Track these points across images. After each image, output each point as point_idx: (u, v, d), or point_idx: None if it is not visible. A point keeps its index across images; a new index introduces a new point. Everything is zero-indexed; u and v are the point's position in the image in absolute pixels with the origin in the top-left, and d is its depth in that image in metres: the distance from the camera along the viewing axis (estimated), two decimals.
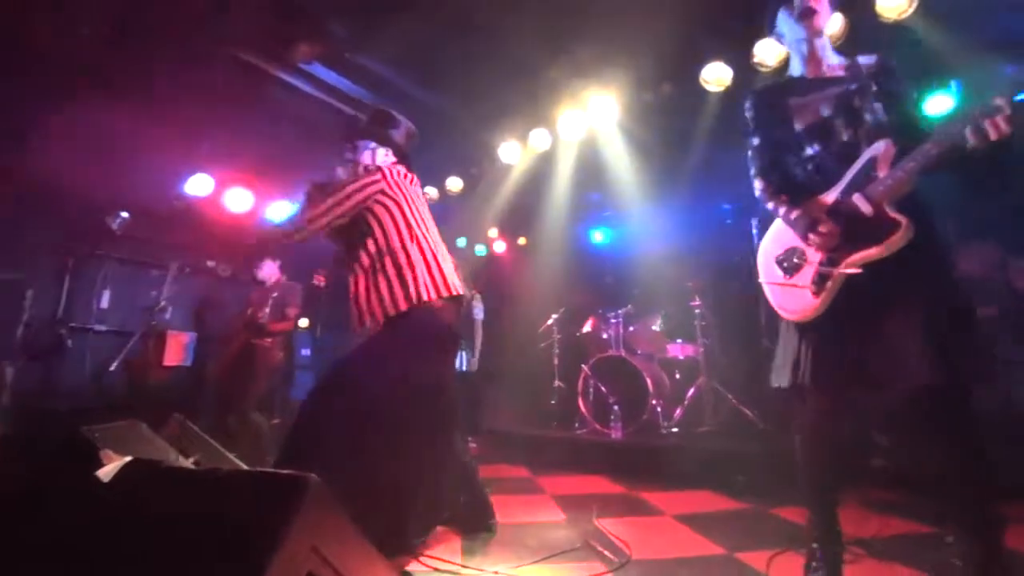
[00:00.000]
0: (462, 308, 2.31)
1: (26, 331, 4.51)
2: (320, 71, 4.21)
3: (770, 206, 1.70)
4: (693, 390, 4.53)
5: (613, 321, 4.99)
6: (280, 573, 0.89)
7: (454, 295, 2.09)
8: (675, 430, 4.29)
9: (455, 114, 4.88)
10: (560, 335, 5.57)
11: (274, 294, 3.89)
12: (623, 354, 4.70)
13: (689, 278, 5.01)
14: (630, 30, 3.77)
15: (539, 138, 4.98)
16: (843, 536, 1.61)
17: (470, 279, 4.96)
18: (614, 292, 5.91)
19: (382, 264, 2.08)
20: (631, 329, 5.03)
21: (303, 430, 1.86)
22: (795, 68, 1.77)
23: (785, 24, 1.71)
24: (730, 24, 3.73)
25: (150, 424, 1.76)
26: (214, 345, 4.06)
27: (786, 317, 1.64)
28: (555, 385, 5.36)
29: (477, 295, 5.10)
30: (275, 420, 3.80)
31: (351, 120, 4.57)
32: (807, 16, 1.63)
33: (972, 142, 1.26)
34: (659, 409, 4.30)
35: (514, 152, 5.18)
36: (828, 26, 1.72)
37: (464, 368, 4.96)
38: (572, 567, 1.96)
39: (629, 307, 5.09)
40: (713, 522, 2.52)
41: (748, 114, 1.82)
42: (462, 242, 6.93)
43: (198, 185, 5.12)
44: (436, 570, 1.91)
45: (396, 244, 2.09)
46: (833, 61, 1.70)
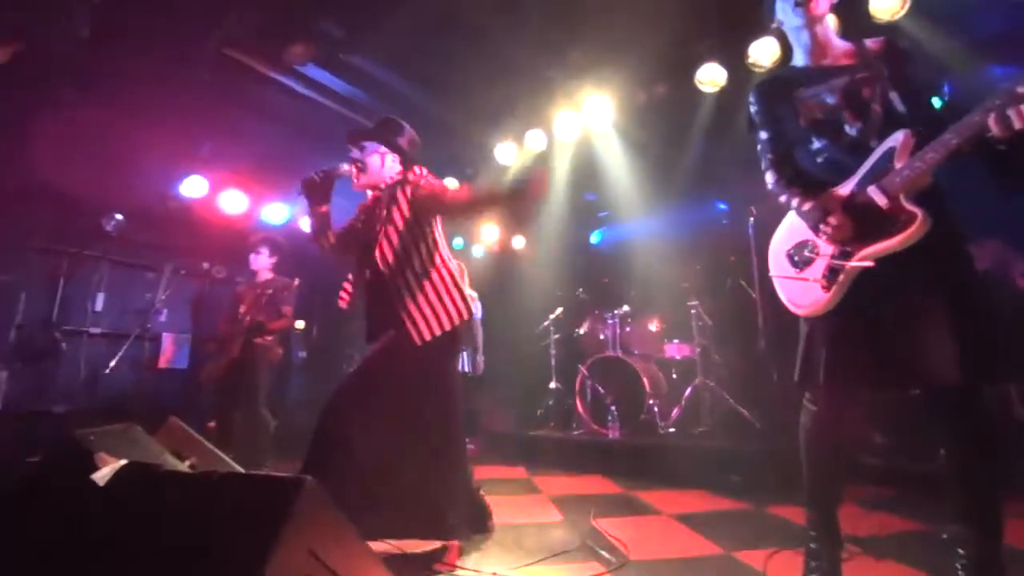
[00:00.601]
0: None
1: (19, 334, 4.49)
2: (314, 72, 4.20)
3: (783, 199, 1.65)
4: (690, 390, 4.53)
5: (610, 321, 4.99)
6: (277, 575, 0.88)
7: None
8: (672, 430, 4.30)
9: (450, 115, 4.88)
10: (557, 335, 5.58)
11: (268, 291, 3.85)
12: (620, 354, 4.70)
13: (685, 278, 5.02)
14: (625, 31, 3.77)
15: (535, 139, 4.98)
16: (841, 534, 1.61)
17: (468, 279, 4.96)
18: (611, 292, 5.91)
19: (440, 276, 2.15)
20: (628, 329, 5.03)
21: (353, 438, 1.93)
22: (798, 58, 1.71)
23: (783, 12, 1.65)
24: (724, 25, 3.74)
25: (145, 427, 1.75)
26: (209, 347, 4.03)
27: (796, 312, 1.59)
28: (552, 386, 5.36)
29: (475, 295, 5.10)
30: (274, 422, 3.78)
31: (356, 124, 4.57)
32: (803, 2, 1.57)
33: (995, 131, 1.21)
34: (656, 409, 4.30)
35: (510, 153, 5.18)
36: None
37: (467, 369, 4.96)
38: (570, 568, 1.95)
39: (626, 307, 5.10)
40: (711, 522, 2.52)
41: (753, 108, 1.77)
42: (459, 243, 6.93)
43: (193, 187, 5.11)
44: (434, 572, 1.90)
45: (447, 256, 2.21)
46: (838, 48, 1.63)
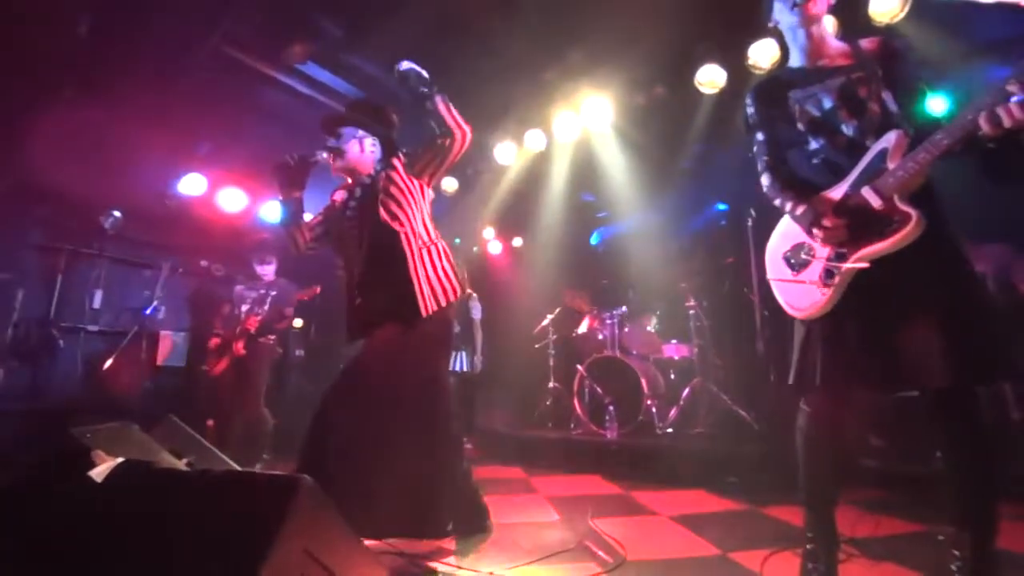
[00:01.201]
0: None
1: (16, 331, 4.48)
2: (314, 71, 4.20)
3: (777, 202, 1.65)
4: (688, 391, 4.54)
5: (608, 322, 5.00)
6: (272, 575, 0.88)
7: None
8: (670, 430, 4.30)
9: None
10: (555, 336, 5.58)
11: (272, 292, 3.89)
12: (618, 355, 4.70)
13: (683, 279, 5.03)
14: (624, 32, 3.78)
15: (534, 139, 4.98)
16: (839, 535, 1.61)
17: (467, 279, 4.96)
18: (610, 293, 5.91)
19: (438, 251, 2.10)
20: (626, 330, 5.03)
21: (349, 419, 1.88)
22: (794, 59, 1.70)
23: (780, 11, 1.64)
24: (723, 26, 3.75)
25: (143, 425, 1.75)
26: (209, 345, 4.04)
27: (794, 315, 1.59)
28: (550, 386, 5.37)
29: (474, 295, 5.10)
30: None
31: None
32: (800, 1, 1.56)
33: (985, 130, 1.21)
34: (654, 410, 4.30)
35: (510, 153, 5.18)
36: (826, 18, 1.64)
37: (465, 369, 4.95)
38: (567, 568, 1.95)
39: (624, 308, 5.10)
40: (708, 522, 2.52)
41: (749, 110, 1.77)
42: (458, 242, 6.93)
43: (191, 185, 5.10)
44: (431, 571, 1.90)
45: (438, 232, 2.17)
46: (834, 48, 1.63)
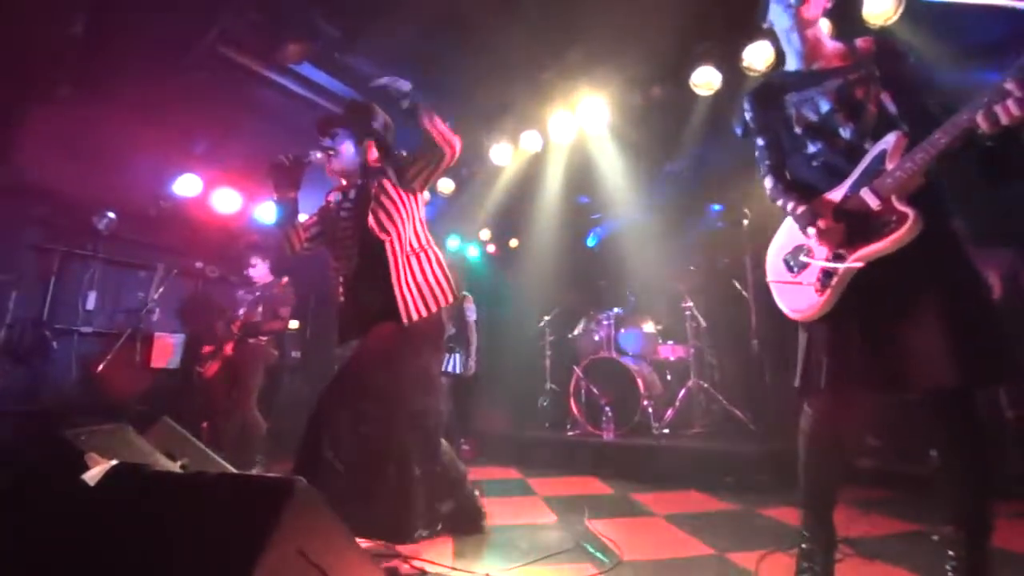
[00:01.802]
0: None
1: (9, 333, 4.44)
2: (309, 71, 4.19)
3: (779, 203, 1.66)
4: (684, 391, 4.55)
5: (605, 323, 5.00)
6: None
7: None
8: (666, 431, 4.31)
9: (446, 115, 4.84)
10: (552, 337, 5.58)
11: (267, 293, 3.87)
12: (615, 356, 4.71)
13: (680, 280, 5.04)
14: (620, 33, 3.78)
15: (530, 140, 4.98)
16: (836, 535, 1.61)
17: (462, 280, 4.95)
18: (606, 294, 5.92)
19: (428, 258, 2.16)
20: (623, 331, 5.04)
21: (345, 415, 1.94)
22: (790, 62, 1.70)
23: (775, 13, 1.63)
24: (719, 28, 3.76)
25: (137, 427, 1.74)
26: (202, 347, 4.03)
27: (793, 317, 1.59)
28: (547, 387, 5.37)
29: (469, 297, 5.09)
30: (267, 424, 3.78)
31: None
32: (795, 4, 1.55)
33: (983, 128, 1.21)
34: (650, 410, 4.31)
35: (505, 154, 5.18)
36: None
37: (459, 370, 4.95)
38: (563, 568, 1.95)
39: (620, 309, 5.11)
40: (704, 523, 2.53)
41: (748, 115, 1.77)
42: (453, 243, 6.92)
43: (186, 185, 5.08)
44: (427, 573, 1.90)
45: (431, 240, 2.22)
46: (830, 50, 1.62)
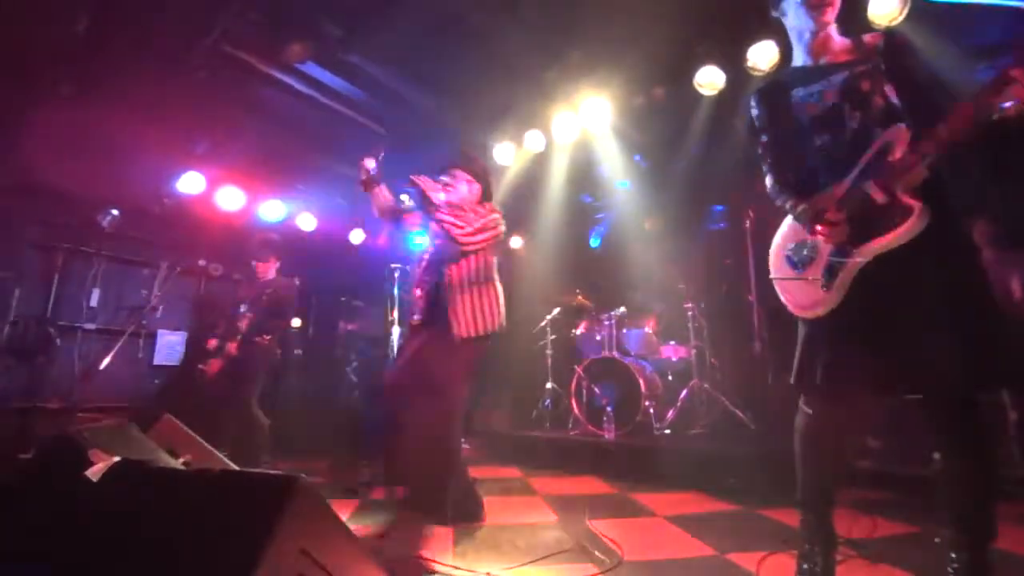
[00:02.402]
0: None
1: (13, 329, 4.46)
2: (313, 70, 4.19)
3: (779, 202, 1.66)
4: (685, 392, 4.54)
5: (606, 323, 5.00)
6: (268, 575, 0.88)
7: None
8: (667, 432, 4.31)
9: (449, 115, 4.87)
10: (553, 336, 5.58)
11: (269, 290, 3.87)
12: (616, 356, 4.71)
13: (682, 280, 5.03)
14: (624, 33, 3.78)
15: (533, 140, 4.98)
16: (836, 536, 1.61)
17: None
18: (608, 294, 5.91)
19: (490, 290, 2.65)
20: (624, 331, 5.04)
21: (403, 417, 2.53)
22: (797, 57, 1.69)
23: (793, 16, 1.62)
24: (723, 28, 3.75)
25: (140, 424, 1.75)
26: (205, 344, 4.03)
27: (798, 314, 1.58)
28: (548, 386, 5.37)
29: None
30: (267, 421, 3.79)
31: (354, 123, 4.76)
32: (818, 7, 1.54)
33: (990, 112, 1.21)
34: (652, 410, 4.31)
35: (509, 153, 5.18)
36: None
37: None
38: (564, 568, 1.95)
39: (622, 309, 5.10)
40: (704, 523, 2.53)
41: (754, 112, 1.77)
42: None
43: (189, 183, 5.09)
44: (427, 571, 1.90)
45: (496, 274, 2.71)
46: (837, 45, 1.61)
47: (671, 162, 5.32)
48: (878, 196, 1.39)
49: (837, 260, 1.46)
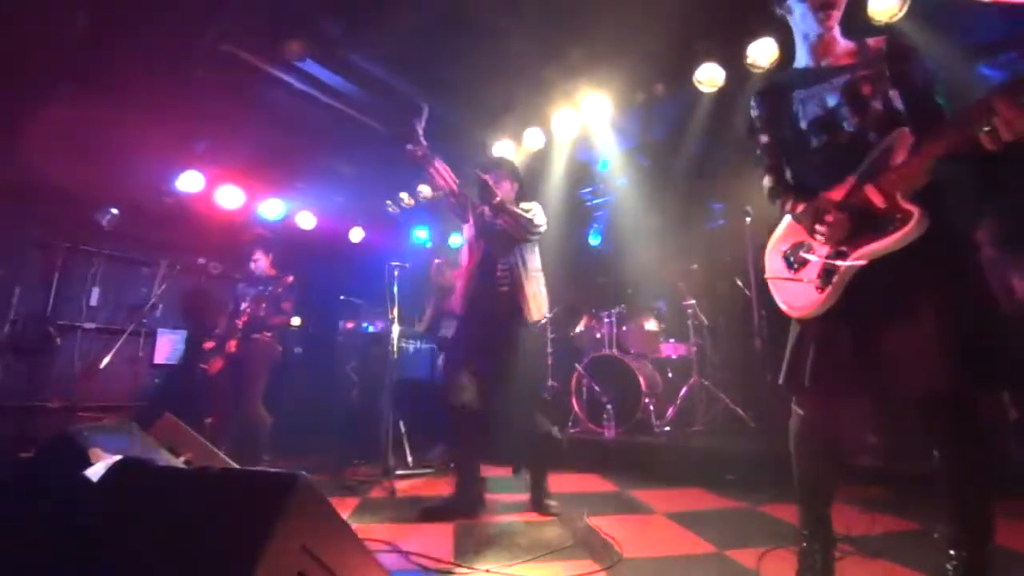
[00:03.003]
0: None
1: (13, 328, 4.47)
2: (312, 68, 4.18)
3: (777, 202, 1.66)
4: (686, 389, 4.55)
5: (607, 320, 5.00)
6: (269, 572, 0.88)
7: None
8: (667, 429, 4.31)
9: (448, 112, 4.86)
10: (553, 334, 5.57)
11: (268, 288, 3.87)
12: (616, 353, 4.71)
13: (682, 278, 5.03)
14: (624, 30, 3.77)
15: (533, 137, 4.97)
16: (834, 534, 1.61)
17: None
18: (608, 292, 5.91)
19: (540, 278, 2.87)
20: (624, 329, 5.04)
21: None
22: (800, 58, 1.69)
23: (800, 18, 1.61)
24: (723, 25, 3.75)
25: (141, 423, 1.75)
26: (205, 343, 4.04)
27: (790, 314, 1.58)
28: (548, 384, 5.36)
29: None
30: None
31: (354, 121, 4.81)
32: (824, 9, 1.53)
33: (986, 145, 1.20)
34: (652, 408, 4.31)
35: (508, 151, 5.16)
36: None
37: None
38: (564, 565, 1.96)
39: (622, 307, 5.10)
40: (704, 520, 2.53)
41: (754, 113, 1.77)
42: (456, 240, 6.92)
43: (189, 182, 5.09)
44: (428, 569, 1.91)
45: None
46: (841, 47, 1.60)
47: (671, 160, 5.31)
48: (878, 200, 1.39)
49: (834, 262, 1.46)
